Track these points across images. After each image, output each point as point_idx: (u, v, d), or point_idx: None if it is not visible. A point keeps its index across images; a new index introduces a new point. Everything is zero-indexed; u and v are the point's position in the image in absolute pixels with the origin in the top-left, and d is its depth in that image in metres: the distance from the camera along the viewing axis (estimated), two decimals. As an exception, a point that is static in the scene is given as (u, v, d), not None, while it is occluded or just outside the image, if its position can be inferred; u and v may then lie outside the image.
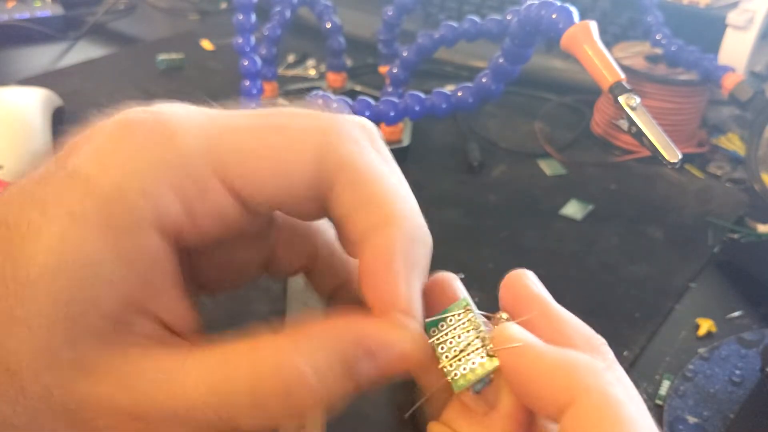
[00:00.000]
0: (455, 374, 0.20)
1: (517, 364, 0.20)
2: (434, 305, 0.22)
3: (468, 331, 0.20)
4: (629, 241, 0.60)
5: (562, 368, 0.19)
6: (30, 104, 0.66)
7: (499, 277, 0.23)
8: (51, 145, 0.66)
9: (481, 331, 0.21)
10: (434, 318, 0.21)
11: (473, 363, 0.20)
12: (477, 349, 0.20)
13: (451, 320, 0.21)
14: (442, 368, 0.20)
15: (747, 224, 0.62)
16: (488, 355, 0.20)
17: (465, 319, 0.21)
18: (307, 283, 0.27)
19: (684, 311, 0.52)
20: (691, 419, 0.42)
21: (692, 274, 0.56)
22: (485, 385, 0.20)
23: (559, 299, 0.20)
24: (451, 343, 0.20)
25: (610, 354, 0.22)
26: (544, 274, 0.24)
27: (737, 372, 0.45)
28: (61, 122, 0.71)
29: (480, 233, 0.58)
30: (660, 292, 0.54)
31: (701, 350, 0.47)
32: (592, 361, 0.20)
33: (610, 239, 0.60)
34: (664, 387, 0.45)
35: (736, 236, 0.60)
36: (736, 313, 0.52)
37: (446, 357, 0.20)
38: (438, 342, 0.20)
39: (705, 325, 0.50)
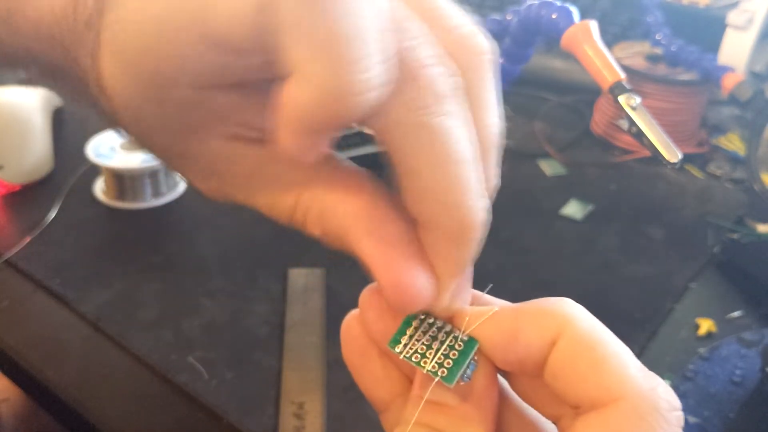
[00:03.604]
0: (442, 371, 0.20)
1: (495, 330, 0.20)
2: (381, 318, 0.21)
3: (434, 333, 0.21)
4: (629, 241, 0.60)
5: (540, 312, 0.20)
6: (30, 104, 0.66)
7: (499, 277, 0.23)
8: (51, 145, 0.66)
9: (444, 327, 0.21)
10: (394, 336, 0.21)
11: (454, 354, 0.20)
12: (450, 341, 0.20)
13: (411, 332, 0.21)
14: (427, 373, 0.20)
15: (747, 224, 0.62)
16: (463, 341, 0.20)
17: (425, 325, 0.21)
18: (307, 284, 0.26)
19: (684, 311, 0.52)
20: (692, 419, 0.42)
21: (692, 274, 0.56)
22: (473, 368, 0.20)
23: (559, 299, 0.20)
24: (423, 349, 0.20)
25: None
26: (544, 274, 0.24)
27: (737, 372, 0.45)
28: (61, 122, 0.71)
29: (480, 233, 0.58)
30: (660, 292, 0.54)
31: (701, 350, 0.47)
32: (564, 299, 0.20)
33: (610, 239, 0.60)
34: (664, 387, 0.45)
35: (736, 236, 0.60)
36: (736, 313, 0.52)
37: (425, 362, 0.20)
38: (410, 354, 0.20)
39: (705, 325, 0.50)
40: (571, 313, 0.19)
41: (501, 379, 0.22)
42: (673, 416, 0.18)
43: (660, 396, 0.18)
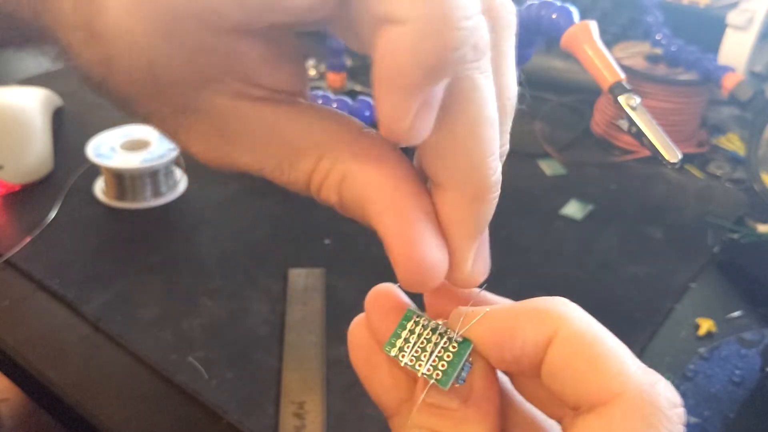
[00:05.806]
0: (437, 374, 0.20)
1: (489, 331, 0.20)
2: (385, 320, 0.21)
3: (428, 335, 0.21)
4: (629, 241, 0.60)
5: (535, 311, 0.19)
6: (30, 104, 0.66)
7: (499, 277, 0.23)
8: (51, 145, 0.66)
9: (439, 329, 0.21)
10: (389, 339, 0.21)
11: (448, 356, 0.20)
12: (445, 343, 0.20)
13: (406, 334, 0.21)
14: (422, 376, 0.20)
15: (747, 224, 0.62)
16: (458, 342, 0.20)
17: (420, 326, 0.21)
18: (307, 284, 0.26)
19: (684, 311, 0.52)
20: (692, 419, 0.42)
21: (692, 274, 0.56)
22: (468, 370, 0.20)
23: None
24: (417, 352, 0.20)
25: None
26: (544, 274, 0.24)
27: (737, 372, 0.45)
28: (61, 122, 0.71)
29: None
30: (660, 292, 0.54)
31: (701, 350, 0.47)
32: (558, 298, 0.20)
33: (610, 239, 0.60)
34: (664, 387, 0.45)
35: (736, 236, 0.60)
36: (736, 313, 0.52)
37: (419, 365, 0.20)
38: (406, 357, 0.20)
39: (705, 325, 0.50)
40: (566, 311, 0.19)
41: (504, 378, 0.21)
42: (674, 413, 0.17)
43: (660, 393, 0.17)
